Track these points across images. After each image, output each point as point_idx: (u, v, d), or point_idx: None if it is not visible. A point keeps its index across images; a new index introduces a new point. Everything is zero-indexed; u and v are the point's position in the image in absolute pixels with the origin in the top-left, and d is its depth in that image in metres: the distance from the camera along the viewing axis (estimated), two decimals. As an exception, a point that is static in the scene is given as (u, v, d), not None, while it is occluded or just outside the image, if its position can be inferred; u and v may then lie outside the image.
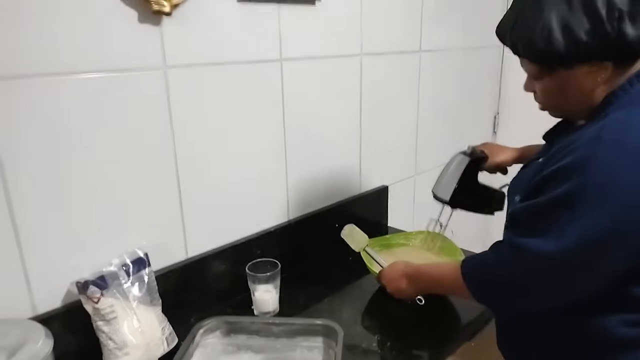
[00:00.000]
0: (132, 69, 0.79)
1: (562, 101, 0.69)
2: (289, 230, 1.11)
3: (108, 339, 0.76)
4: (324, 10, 1.06)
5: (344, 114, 1.20)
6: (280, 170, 1.08)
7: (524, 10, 0.65)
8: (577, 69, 0.64)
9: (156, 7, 0.77)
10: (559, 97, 0.69)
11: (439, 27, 1.43)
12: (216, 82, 0.91)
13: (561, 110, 0.73)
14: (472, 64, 1.62)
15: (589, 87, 0.65)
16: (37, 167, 0.72)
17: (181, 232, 0.93)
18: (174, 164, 0.88)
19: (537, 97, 0.73)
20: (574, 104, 0.69)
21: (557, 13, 0.61)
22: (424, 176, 1.53)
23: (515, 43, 0.67)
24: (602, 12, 0.59)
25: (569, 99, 0.68)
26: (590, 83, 0.65)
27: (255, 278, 0.93)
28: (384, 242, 1.16)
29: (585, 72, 0.64)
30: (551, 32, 0.61)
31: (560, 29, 0.61)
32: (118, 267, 0.79)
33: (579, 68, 0.64)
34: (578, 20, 0.60)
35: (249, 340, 0.87)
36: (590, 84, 0.65)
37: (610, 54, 0.62)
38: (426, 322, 0.93)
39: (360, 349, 0.85)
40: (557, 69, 0.65)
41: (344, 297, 1.04)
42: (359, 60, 1.20)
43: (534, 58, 0.67)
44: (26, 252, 0.73)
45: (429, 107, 1.47)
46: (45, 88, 0.71)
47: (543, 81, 0.68)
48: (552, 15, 0.61)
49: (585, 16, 0.59)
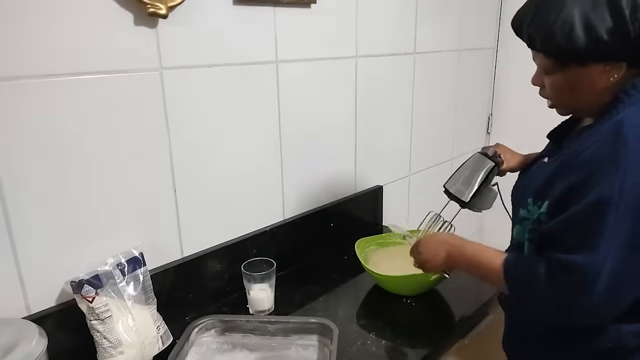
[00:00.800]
0: (127, 70, 0.79)
1: (571, 98, 0.68)
2: (285, 229, 1.11)
3: (103, 338, 0.76)
4: (319, 12, 1.07)
5: (339, 115, 1.21)
6: (275, 171, 1.09)
7: (545, 3, 0.63)
8: (591, 66, 0.63)
9: (152, 9, 0.78)
10: (569, 94, 0.68)
11: (433, 29, 1.44)
12: (212, 84, 0.92)
13: (568, 107, 0.72)
14: (466, 66, 1.63)
15: (601, 85, 0.64)
16: (32, 166, 0.72)
17: (176, 231, 0.93)
18: (169, 163, 0.89)
19: (544, 92, 0.71)
20: (583, 102, 0.68)
21: (580, 8, 0.60)
22: (419, 176, 1.54)
23: (532, 36, 0.65)
24: (626, 12, 0.58)
25: (578, 96, 0.67)
26: (602, 82, 0.64)
27: (250, 277, 0.93)
28: (379, 241, 1.16)
29: (599, 70, 0.63)
30: (572, 28, 0.60)
31: (582, 25, 0.60)
32: (113, 266, 0.79)
33: (594, 66, 0.63)
34: (601, 17, 0.59)
35: (244, 339, 0.87)
36: (603, 83, 0.64)
37: (627, 54, 0.61)
38: (421, 320, 0.94)
39: (355, 347, 0.85)
40: (571, 65, 0.64)
41: (339, 295, 1.04)
42: (354, 62, 1.21)
43: (551, 53, 0.65)
44: (20, 252, 0.73)
45: (423, 108, 1.49)
46: (41, 89, 0.71)
47: (554, 76, 0.67)
48: (574, 10, 0.60)
49: (609, 14, 0.59)
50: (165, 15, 0.79)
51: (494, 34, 1.75)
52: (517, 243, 0.75)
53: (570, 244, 0.61)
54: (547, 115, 0.77)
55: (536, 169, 0.75)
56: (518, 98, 1.76)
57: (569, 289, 0.60)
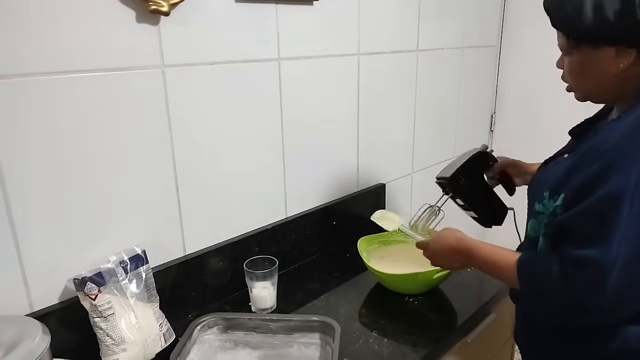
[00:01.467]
0: (130, 68, 0.79)
1: (584, 81, 0.69)
2: (287, 227, 1.11)
3: (105, 335, 0.76)
4: (321, 9, 1.07)
5: (341, 113, 1.21)
6: (278, 168, 1.09)
7: None
8: (603, 49, 0.63)
9: (154, 7, 0.77)
10: (581, 76, 0.68)
11: (436, 26, 1.43)
12: (214, 81, 0.92)
13: (582, 92, 0.72)
14: (469, 64, 1.62)
15: (611, 71, 0.64)
16: (35, 164, 0.72)
17: (179, 229, 0.93)
18: (171, 161, 0.89)
19: (564, 74, 0.72)
20: (595, 86, 0.68)
21: None
22: (421, 174, 1.54)
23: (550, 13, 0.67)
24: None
25: (590, 79, 0.68)
26: (612, 68, 0.64)
27: (252, 275, 0.93)
28: (382, 239, 1.16)
29: (611, 55, 0.63)
30: (582, 6, 0.61)
31: (592, 4, 0.61)
32: (116, 263, 0.79)
33: (605, 50, 0.63)
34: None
35: (246, 337, 0.87)
36: (613, 69, 0.64)
37: (635, 40, 0.61)
38: (423, 318, 0.94)
39: (357, 345, 0.85)
40: (585, 46, 0.65)
41: (341, 293, 1.04)
42: (357, 60, 1.20)
43: (564, 30, 0.66)
44: (23, 249, 0.73)
45: (426, 106, 1.48)
46: (43, 86, 0.71)
47: (570, 57, 0.68)
48: None
49: None
50: (167, 13, 0.79)
51: (497, 31, 1.74)
52: (531, 239, 0.74)
53: (583, 237, 0.60)
54: (551, 114, 0.76)
55: (554, 164, 0.75)
56: (521, 96, 1.75)
57: (582, 285, 0.60)
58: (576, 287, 0.60)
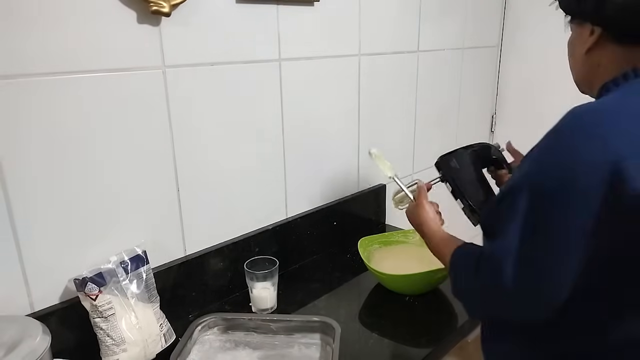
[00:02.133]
0: (130, 69, 0.79)
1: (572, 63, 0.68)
2: (287, 227, 1.11)
3: (106, 336, 0.76)
4: (322, 10, 1.07)
5: (342, 113, 1.21)
6: (278, 168, 1.09)
7: None
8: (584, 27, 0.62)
9: (155, 7, 0.78)
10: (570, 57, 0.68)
11: (437, 27, 1.43)
12: (215, 82, 0.92)
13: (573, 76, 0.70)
14: (470, 64, 1.62)
15: (579, 51, 0.64)
16: (37, 165, 0.73)
17: (179, 229, 0.93)
18: (172, 161, 0.89)
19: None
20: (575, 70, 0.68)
21: None
22: (422, 174, 1.54)
23: None
24: None
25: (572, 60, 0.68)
26: (579, 46, 0.64)
27: (253, 275, 0.93)
28: (382, 240, 1.16)
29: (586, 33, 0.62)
30: None
31: None
32: (116, 264, 0.79)
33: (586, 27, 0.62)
34: None
35: (246, 337, 0.87)
36: (579, 48, 0.64)
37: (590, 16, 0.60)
38: (423, 319, 0.94)
39: (358, 345, 0.85)
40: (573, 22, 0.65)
41: (342, 294, 1.04)
42: (357, 60, 1.21)
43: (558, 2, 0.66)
44: (24, 249, 0.73)
45: (427, 107, 1.48)
46: (45, 87, 0.71)
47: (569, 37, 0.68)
48: None
49: None
50: (168, 14, 0.79)
51: (498, 32, 1.74)
52: None
53: (487, 232, 0.62)
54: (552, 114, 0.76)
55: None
56: (522, 96, 1.75)
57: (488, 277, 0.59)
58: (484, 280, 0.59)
